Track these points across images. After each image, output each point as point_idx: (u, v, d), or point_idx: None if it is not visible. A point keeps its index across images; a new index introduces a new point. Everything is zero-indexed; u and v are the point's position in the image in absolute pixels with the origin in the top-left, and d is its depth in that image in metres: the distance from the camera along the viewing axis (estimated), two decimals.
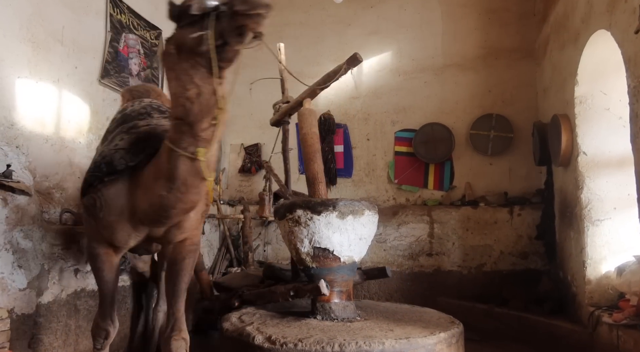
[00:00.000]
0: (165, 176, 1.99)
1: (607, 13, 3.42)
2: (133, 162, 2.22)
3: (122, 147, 2.28)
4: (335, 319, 3.02)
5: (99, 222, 2.28)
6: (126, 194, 2.22)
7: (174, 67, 1.90)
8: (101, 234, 2.32)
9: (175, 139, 1.93)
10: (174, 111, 1.94)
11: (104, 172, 2.24)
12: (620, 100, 3.68)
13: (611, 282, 3.80)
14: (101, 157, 2.29)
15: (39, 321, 3.09)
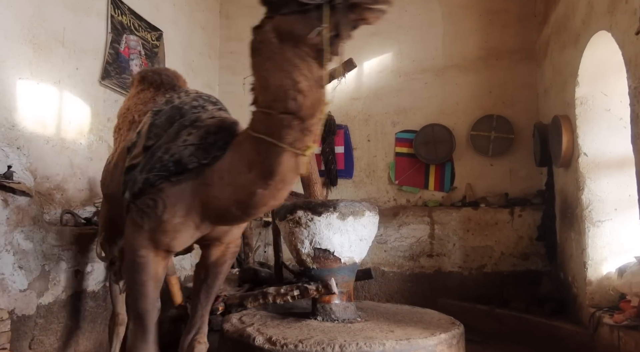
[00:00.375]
0: (261, 172, 1.84)
1: (608, 14, 3.42)
2: (206, 159, 1.98)
3: (192, 142, 2.02)
4: (336, 320, 3.02)
5: (158, 225, 1.98)
6: (193, 193, 1.98)
7: (274, 56, 1.76)
8: (155, 239, 2.01)
9: (281, 134, 1.77)
10: (277, 104, 1.76)
11: (171, 171, 1.98)
12: (621, 101, 3.68)
13: (612, 283, 3.79)
14: (169, 155, 2.01)
15: (39, 322, 3.09)
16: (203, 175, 1.97)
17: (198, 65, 6.04)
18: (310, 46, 1.72)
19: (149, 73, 2.74)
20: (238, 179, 1.90)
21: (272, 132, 1.78)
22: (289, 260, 4.91)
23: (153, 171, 2.01)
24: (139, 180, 2.03)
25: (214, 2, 6.63)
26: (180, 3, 5.61)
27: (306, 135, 1.79)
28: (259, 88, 1.84)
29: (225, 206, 1.96)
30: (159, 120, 2.18)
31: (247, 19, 5.00)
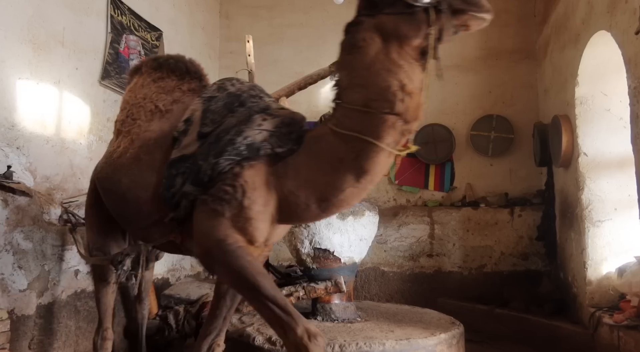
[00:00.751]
0: (353, 170, 1.80)
1: (608, 14, 3.42)
2: (281, 148, 1.88)
3: (266, 129, 1.92)
4: (336, 320, 3.02)
5: (240, 212, 1.83)
6: (268, 184, 1.87)
7: (378, 56, 1.75)
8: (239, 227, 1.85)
9: (381, 133, 1.74)
10: (381, 104, 1.73)
11: (243, 155, 1.85)
12: (620, 101, 3.69)
13: (612, 283, 3.79)
14: (242, 137, 1.88)
15: (39, 322, 3.09)
16: (276, 166, 1.88)
17: None
18: (414, 48, 1.74)
19: (168, 61, 2.51)
20: (320, 176, 1.84)
21: (371, 131, 1.75)
22: (288, 260, 4.91)
23: (224, 155, 1.86)
24: (205, 167, 1.87)
25: (214, 2, 6.63)
26: (180, 3, 5.61)
27: (404, 137, 1.79)
28: (356, 86, 1.80)
29: (305, 203, 1.87)
30: (214, 106, 2.05)
31: (247, 19, 4.98)
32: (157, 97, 2.35)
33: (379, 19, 1.77)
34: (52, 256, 3.23)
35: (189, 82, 2.40)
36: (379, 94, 1.73)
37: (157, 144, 2.13)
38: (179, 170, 1.95)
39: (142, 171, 2.11)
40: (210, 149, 1.90)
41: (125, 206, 2.24)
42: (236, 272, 1.80)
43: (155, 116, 2.27)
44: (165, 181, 1.98)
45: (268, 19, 6.40)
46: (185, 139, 2.01)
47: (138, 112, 2.34)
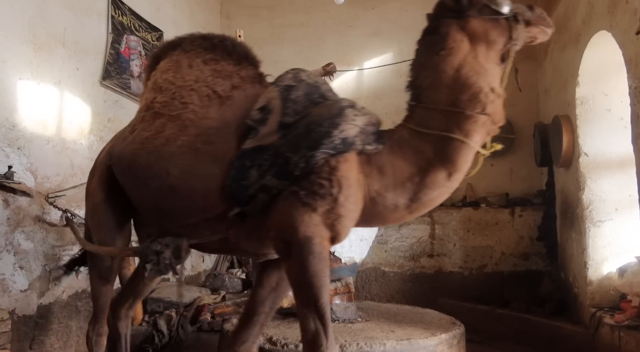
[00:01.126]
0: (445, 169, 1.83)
1: (608, 14, 3.42)
2: (370, 146, 1.84)
3: (358, 124, 1.85)
4: (337, 320, 3.02)
5: (333, 208, 1.77)
6: (357, 181, 1.82)
7: (467, 57, 1.82)
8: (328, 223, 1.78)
9: (471, 133, 1.81)
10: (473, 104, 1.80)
11: (338, 148, 1.77)
12: (621, 101, 3.68)
13: (613, 283, 3.79)
14: (339, 130, 1.80)
15: (40, 322, 3.09)
16: (359, 163, 1.83)
17: None
18: (497, 53, 1.84)
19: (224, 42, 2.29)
20: (409, 176, 1.83)
21: (461, 130, 1.80)
22: None
23: (320, 147, 1.76)
24: (296, 160, 1.76)
25: (215, 2, 6.63)
26: (180, 3, 5.61)
27: (488, 137, 1.89)
28: (443, 87, 1.83)
29: (393, 204, 1.85)
30: (294, 96, 1.94)
31: (248, 19, 4.98)
32: (214, 81, 2.12)
33: (468, 22, 1.84)
34: (53, 256, 3.23)
35: (246, 68, 2.20)
36: (472, 95, 1.79)
37: (219, 133, 1.96)
38: (254, 162, 1.82)
39: (200, 162, 1.92)
40: (301, 141, 1.79)
41: (171, 200, 2.00)
42: (309, 274, 1.75)
43: (214, 102, 2.06)
44: (234, 172, 1.83)
45: (269, 19, 6.41)
46: (264, 129, 1.87)
47: (190, 96, 2.09)
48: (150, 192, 2.06)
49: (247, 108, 1.97)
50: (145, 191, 2.09)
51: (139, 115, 2.26)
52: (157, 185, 2.01)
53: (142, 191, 2.11)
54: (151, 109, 2.15)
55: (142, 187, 2.09)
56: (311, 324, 1.73)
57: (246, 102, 2.01)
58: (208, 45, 2.26)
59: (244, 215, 1.86)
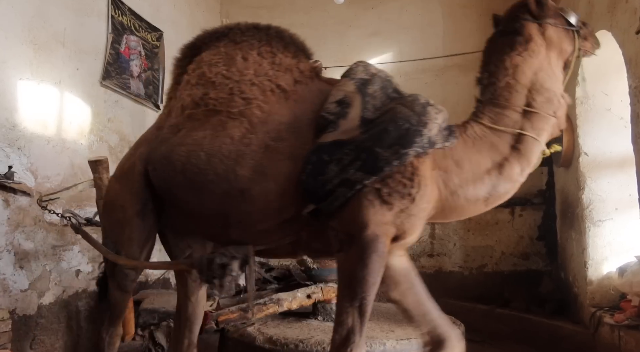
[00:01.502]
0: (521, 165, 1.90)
1: (608, 13, 3.42)
2: (448, 141, 1.85)
3: (438, 122, 1.87)
4: None
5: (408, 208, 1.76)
6: (431, 179, 1.82)
7: (543, 63, 1.93)
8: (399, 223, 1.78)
9: (541, 133, 1.91)
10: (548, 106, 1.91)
11: (425, 147, 1.78)
12: (621, 100, 3.68)
13: (613, 282, 3.79)
14: (427, 129, 1.80)
15: (40, 322, 3.09)
16: (434, 159, 1.83)
17: None
18: (563, 61, 1.99)
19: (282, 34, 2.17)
20: (486, 170, 1.88)
21: (535, 129, 1.89)
22: (289, 260, 4.91)
23: (412, 146, 1.75)
24: (386, 155, 1.73)
25: (214, 2, 6.64)
26: (180, 3, 5.61)
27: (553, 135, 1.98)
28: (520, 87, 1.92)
29: (474, 197, 1.88)
30: (371, 90, 1.91)
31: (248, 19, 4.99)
32: (276, 75, 2.01)
33: (546, 28, 1.95)
34: (54, 256, 3.23)
35: (303, 61, 2.11)
36: (547, 98, 1.90)
37: (290, 129, 1.88)
38: (332, 156, 1.76)
39: (273, 160, 1.83)
40: (390, 137, 1.75)
41: (241, 204, 1.86)
42: (367, 271, 1.74)
43: (279, 98, 1.96)
44: (311, 167, 1.76)
45: (269, 20, 6.34)
46: (344, 123, 1.82)
47: (251, 91, 1.96)
48: (213, 197, 1.90)
49: (314, 102, 1.92)
50: (205, 197, 1.92)
51: (182, 113, 2.05)
52: (223, 189, 1.86)
53: (201, 197, 1.93)
54: (202, 106, 1.99)
55: (201, 192, 1.92)
56: (349, 319, 1.73)
57: (312, 96, 1.96)
58: (262, 37, 2.15)
59: (318, 212, 1.79)
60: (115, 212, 2.17)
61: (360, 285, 1.73)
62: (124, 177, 2.16)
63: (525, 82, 1.91)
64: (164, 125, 2.11)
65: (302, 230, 1.87)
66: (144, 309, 3.04)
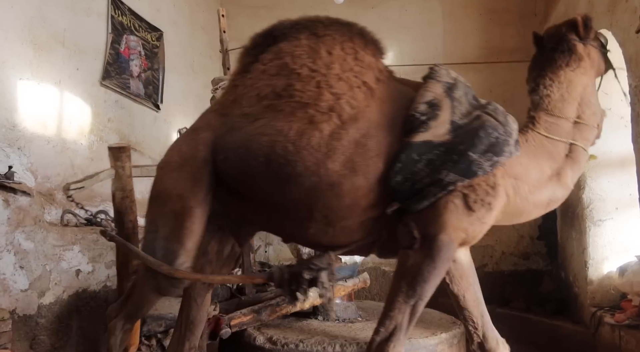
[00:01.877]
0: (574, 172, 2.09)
1: (608, 13, 3.42)
2: (518, 151, 1.92)
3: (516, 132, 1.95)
4: (337, 320, 3.02)
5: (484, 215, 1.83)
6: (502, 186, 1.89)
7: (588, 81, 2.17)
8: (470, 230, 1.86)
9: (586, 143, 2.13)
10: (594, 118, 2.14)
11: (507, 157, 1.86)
12: (621, 100, 3.67)
13: (613, 282, 3.79)
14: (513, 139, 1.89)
15: (40, 322, 3.09)
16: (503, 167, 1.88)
17: (199, 65, 6.04)
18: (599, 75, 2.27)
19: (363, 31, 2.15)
20: (548, 178, 2.03)
21: (583, 139, 2.11)
22: (289, 259, 4.92)
23: (502, 154, 1.83)
24: (479, 160, 1.78)
25: (214, 2, 6.63)
26: (180, 3, 5.61)
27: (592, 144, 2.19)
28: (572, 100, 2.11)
29: (541, 203, 2.05)
30: (457, 95, 1.95)
31: (248, 19, 4.97)
32: (361, 71, 1.97)
33: (590, 49, 2.15)
34: (54, 256, 3.23)
35: (380, 61, 2.10)
36: (594, 112, 2.13)
37: (378, 127, 1.86)
38: (422, 156, 1.77)
39: (363, 156, 1.80)
40: (482, 143, 1.80)
41: (329, 199, 1.82)
42: (433, 273, 1.81)
43: (366, 94, 1.93)
44: (399, 165, 1.77)
45: (268, 19, 6.35)
46: (434, 125, 1.83)
47: (339, 86, 1.91)
48: (299, 190, 1.82)
49: (396, 101, 1.94)
50: (290, 189, 1.83)
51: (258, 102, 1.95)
52: (312, 182, 1.80)
53: (285, 189, 1.84)
54: (285, 97, 1.91)
55: (287, 184, 1.83)
56: (400, 315, 1.81)
57: (393, 95, 1.97)
58: (345, 32, 2.12)
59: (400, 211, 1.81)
60: (169, 203, 1.94)
61: (421, 285, 1.79)
62: (183, 164, 1.98)
63: (576, 96, 2.10)
64: (229, 112, 2.01)
65: (383, 229, 1.90)
66: (149, 315, 2.76)
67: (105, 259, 3.70)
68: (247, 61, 2.14)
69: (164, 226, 1.94)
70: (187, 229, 1.90)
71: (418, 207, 1.78)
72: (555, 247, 4.97)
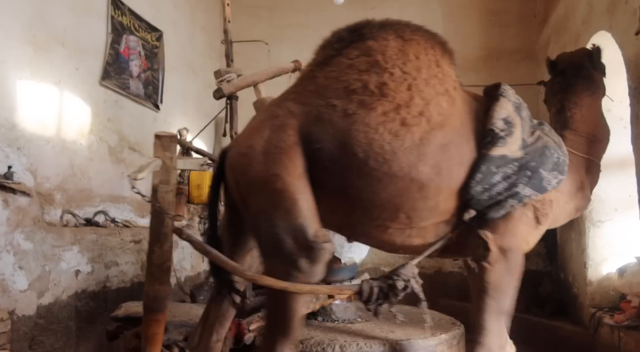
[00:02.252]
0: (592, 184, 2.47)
1: (608, 14, 3.42)
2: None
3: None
4: (336, 321, 3.01)
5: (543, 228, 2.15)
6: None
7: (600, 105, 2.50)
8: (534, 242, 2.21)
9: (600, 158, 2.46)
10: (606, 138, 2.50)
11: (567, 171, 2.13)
12: (621, 101, 3.68)
13: (612, 283, 3.79)
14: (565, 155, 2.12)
15: (39, 322, 3.09)
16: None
17: (199, 65, 6.04)
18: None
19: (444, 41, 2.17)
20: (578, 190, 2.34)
21: (597, 155, 2.45)
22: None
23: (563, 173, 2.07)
24: (549, 177, 1.99)
25: (214, 2, 6.63)
26: (180, 4, 5.61)
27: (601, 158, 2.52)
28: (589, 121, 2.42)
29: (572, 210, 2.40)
30: (524, 114, 2.10)
31: (248, 19, 4.95)
32: (442, 79, 2.00)
33: (599, 77, 2.50)
34: (53, 257, 3.23)
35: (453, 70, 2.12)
36: (605, 132, 2.48)
37: (460, 135, 1.94)
38: (499, 168, 1.91)
39: (448, 163, 1.87)
40: (548, 162, 2.02)
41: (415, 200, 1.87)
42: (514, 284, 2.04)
43: (448, 102, 1.97)
44: (480, 176, 1.89)
45: (268, 20, 6.41)
46: (510, 141, 1.97)
47: (427, 91, 1.94)
48: (392, 189, 1.85)
49: (469, 112, 2.04)
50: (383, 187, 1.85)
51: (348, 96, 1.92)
52: (405, 183, 1.84)
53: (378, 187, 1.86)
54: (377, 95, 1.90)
55: (381, 182, 1.85)
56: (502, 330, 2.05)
57: (466, 106, 2.04)
58: (429, 38, 2.14)
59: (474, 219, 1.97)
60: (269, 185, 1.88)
61: (509, 299, 2.02)
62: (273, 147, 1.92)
63: (593, 118, 2.41)
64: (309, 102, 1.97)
65: (451, 233, 2.01)
66: (170, 322, 2.50)
67: (104, 260, 3.69)
68: (328, 54, 2.13)
69: (274, 209, 1.87)
70: (299, 200, 1.85)
71: (495, 215, 1.95)
72: (555, 248, 4.98)
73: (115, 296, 3.74)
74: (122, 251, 3.89)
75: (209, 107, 5.96)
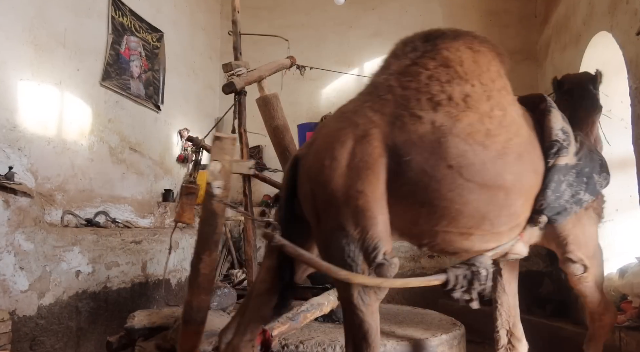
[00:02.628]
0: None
1: (609, 14, 3.42)
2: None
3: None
4: (337, 321, 3.01)
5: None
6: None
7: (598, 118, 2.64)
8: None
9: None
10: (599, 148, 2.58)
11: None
12: (622, 102, 3.68)
13: (613, 283, 3.78)
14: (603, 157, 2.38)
15: (40, 322, 3.09)
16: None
17: (199, 66, 6.04)
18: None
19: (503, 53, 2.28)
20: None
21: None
22: None
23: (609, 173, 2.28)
24: (600, 181, 2.23)
25: (215, 3, 6.64)
26: (181, 4, 5.62)
27: None
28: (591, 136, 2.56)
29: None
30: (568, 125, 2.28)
31: (248, 19, 4.93)
32: (508, 89, 2.10)
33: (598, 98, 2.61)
34: (54, 257, 3.23)
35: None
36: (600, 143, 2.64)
37: (529, 145, 2.04)
38: (564, 177, 2.09)
39: (524, 171, 1.97)
40: (597, 166, 2.23)
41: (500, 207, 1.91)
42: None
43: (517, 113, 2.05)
44: (554, 185, 2.06)
45: (269, 20, 6.41)
46: (570, 150, 2.15)
47: (502, 102, 2.00)
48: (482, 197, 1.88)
49: (529, 123, 2.16)
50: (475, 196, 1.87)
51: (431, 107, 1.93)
52: (493, 192, 1.88)
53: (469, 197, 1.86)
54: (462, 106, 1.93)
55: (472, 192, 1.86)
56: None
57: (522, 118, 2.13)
58: (493, 50, 2.22)
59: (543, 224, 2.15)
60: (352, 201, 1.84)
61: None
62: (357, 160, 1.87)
63: (594, 132, 2.59)
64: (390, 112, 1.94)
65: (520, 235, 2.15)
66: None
67: (105, 260, 3.69)
68: (405, 64, 2.10)
69: (353, 227, 1.84)
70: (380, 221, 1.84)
71: (562, 221, 2.16)
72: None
73: (116, 296, 3.74)
74: (123, 252, 3.90)
75: (209, 107, 5.96)
